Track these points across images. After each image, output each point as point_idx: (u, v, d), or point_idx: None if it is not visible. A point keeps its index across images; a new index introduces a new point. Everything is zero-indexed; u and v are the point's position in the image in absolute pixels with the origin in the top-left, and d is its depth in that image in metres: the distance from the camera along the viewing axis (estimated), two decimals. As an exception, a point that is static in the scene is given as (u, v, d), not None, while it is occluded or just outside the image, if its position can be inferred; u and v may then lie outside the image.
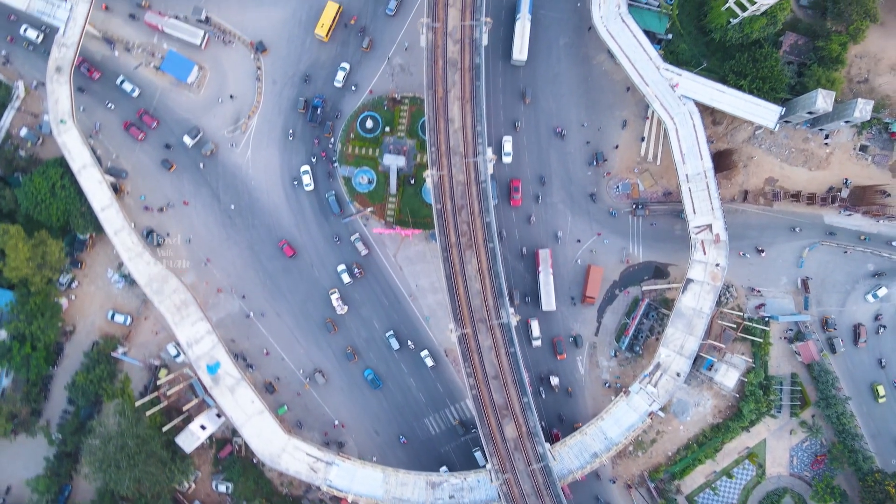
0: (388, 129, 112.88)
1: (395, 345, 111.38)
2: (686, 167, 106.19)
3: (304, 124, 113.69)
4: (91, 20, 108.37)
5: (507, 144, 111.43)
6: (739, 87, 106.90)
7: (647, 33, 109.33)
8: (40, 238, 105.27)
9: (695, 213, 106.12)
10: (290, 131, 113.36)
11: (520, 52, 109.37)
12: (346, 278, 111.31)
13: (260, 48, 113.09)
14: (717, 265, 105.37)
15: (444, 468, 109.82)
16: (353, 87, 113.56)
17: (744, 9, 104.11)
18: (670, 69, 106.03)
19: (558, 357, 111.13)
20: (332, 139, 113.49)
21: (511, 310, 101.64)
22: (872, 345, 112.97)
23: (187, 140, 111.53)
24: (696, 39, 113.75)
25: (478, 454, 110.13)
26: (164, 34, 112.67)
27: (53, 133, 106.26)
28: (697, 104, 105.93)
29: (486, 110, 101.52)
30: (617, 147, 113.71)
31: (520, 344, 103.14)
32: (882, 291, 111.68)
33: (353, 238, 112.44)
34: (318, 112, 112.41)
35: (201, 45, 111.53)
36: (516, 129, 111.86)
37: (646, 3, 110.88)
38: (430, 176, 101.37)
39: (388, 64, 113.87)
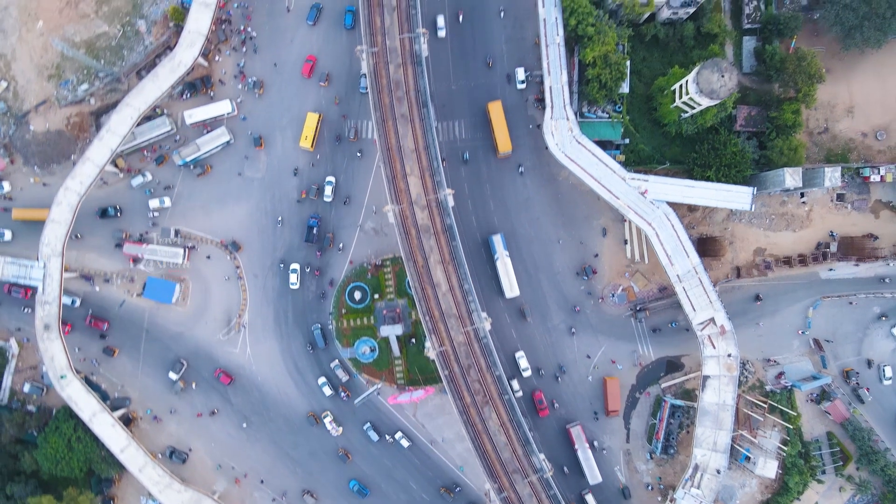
0: (376, 295, 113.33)
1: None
2: (675, 268, 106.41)
3: (301, 244, 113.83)
4: (65, 262, 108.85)
5: (522, 360, 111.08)
6: (707, 178, 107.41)
7: (603, 142, 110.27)
8: (70, 496, 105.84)
9: (694, 310, 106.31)
10: (280, 219, 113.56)
11: (510, 290, 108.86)
12: (327, 391, 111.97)
13: (234, 247, 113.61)
14: (730, 355, 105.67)
15: None
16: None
17: (691, 108, 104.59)
18: (636, 177, 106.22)
19: None
20: (340, 246, 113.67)
21: (542, 456, 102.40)
22: None
23: (172, 376, 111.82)
24: (652, 134, 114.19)
25: None
26: (143, 259, 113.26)
27: (56, 388, 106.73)
28: (671, 203, 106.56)
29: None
30: (597, 255, 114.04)
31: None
32: (889, 371, 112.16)
33: (332, 365, 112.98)
34: (315, 231, 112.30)
35: (183, 262, 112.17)
36: (540, 373, 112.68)
37: (596, 117, 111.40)
38: (430, 350, 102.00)
39: (360, 230, 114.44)
